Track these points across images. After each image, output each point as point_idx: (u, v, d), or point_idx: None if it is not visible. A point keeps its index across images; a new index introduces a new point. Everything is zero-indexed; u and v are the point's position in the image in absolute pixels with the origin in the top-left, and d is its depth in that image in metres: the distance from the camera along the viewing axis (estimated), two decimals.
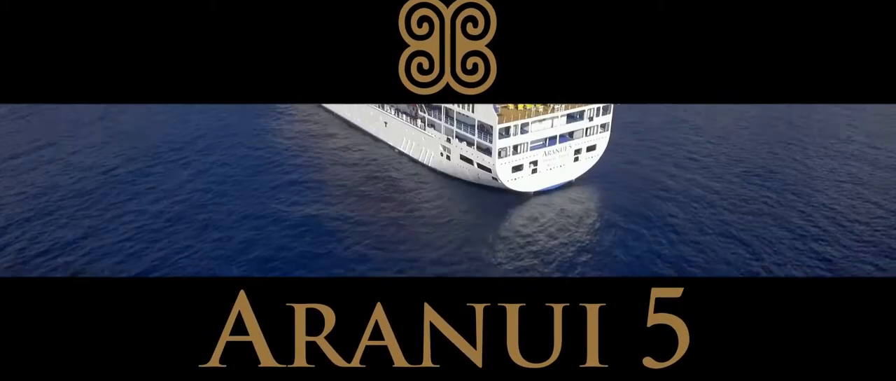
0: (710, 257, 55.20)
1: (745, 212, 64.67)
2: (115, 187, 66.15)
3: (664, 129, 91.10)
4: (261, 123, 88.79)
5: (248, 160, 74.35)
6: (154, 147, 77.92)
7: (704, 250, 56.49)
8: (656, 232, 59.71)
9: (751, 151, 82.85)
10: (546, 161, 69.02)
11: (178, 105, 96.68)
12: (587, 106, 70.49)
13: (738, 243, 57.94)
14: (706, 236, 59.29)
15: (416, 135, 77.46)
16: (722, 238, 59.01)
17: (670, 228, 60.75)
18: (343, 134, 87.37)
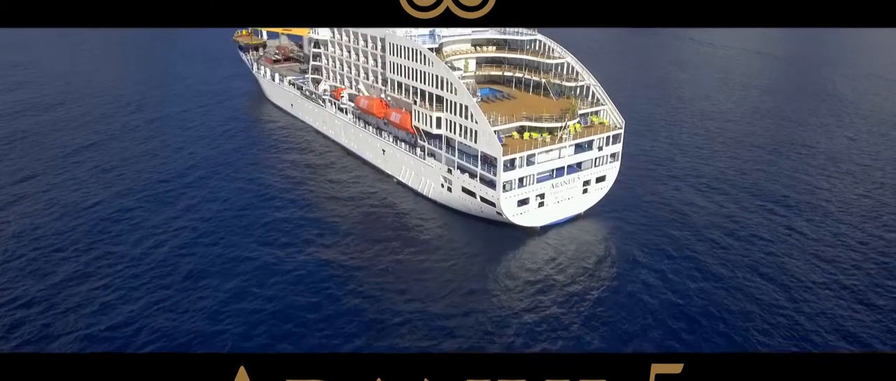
0: (721, 322, 50.78)
1: (768, 252, 60.35)
2: (97, 225, 61.76)
3: (675, 156, 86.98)
4: (256, 154, 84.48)
5: (241, 194, 69.93)
6: (142, 178, 73.62)
7: (716, 305, 52.06)
8: (669, 276, 55.31)
9: (768, 178, 78.84)
10: (553, 194, 64.67)
11: (171, 132, 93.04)
12: (596, 135, 66.37)
13: (757, 296, 53.60)
14: (721, 283, 54.93)
15: (415, 164, 73.17)
16: (742, 286, 54.66)
17: (684, 271, 56.36)
18: (340, 163, 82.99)
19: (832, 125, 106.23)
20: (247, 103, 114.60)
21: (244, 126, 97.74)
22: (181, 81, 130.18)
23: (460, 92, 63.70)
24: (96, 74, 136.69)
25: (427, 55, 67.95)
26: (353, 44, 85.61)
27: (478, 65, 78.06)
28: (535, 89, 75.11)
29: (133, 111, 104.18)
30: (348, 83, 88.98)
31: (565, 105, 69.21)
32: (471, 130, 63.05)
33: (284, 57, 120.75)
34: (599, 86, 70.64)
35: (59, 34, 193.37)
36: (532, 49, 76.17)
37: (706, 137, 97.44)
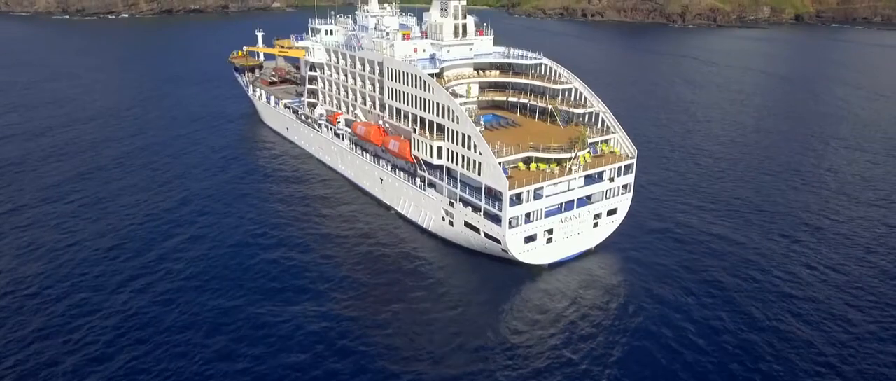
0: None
1: (798, 288, 55.62)
2: (75, 267, 57.06)
3: (689, 182, 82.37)
4: (249, 185, 79.82)
5: (232, 232, 65.00)
6: (128, 214, 68.86)
7: (750, 353, 47.30)
8: (694, 317, 50.57)
9: (789, 204, 74.22)
10: (562, 229, 60.00)
11: (162, 161, 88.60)
12: (607, 166, 61.85)
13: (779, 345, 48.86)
14: (752, 324, 50.17)
15: (414, 195, 68.60)
16: (776, 327, 49.91)
17: (708, 311, 51.62)
18: (336, 194, 78.22)
19: (853, 147, 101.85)
20: (242, 127, 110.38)
21: (238, 153, 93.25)
22: (176, 103, 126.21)
23: (463, 121, 59.29)
24: (89, 97, 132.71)
25: (427, 81, 63.65)
26: (349, 67, 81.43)
27: (480, 89, 73.76)
28: (542, 116, 70.77)
29: (123, 138, 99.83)
30: (345, 108, 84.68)
31: (574, 133, 64.81)
32: (474, 161, 58.55)
33: (281, 79, 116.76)
34: (609, 113, 66.28)
35: (56, 53, 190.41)
36: (537, 73, 71.96)
37: (721, 161, 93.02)
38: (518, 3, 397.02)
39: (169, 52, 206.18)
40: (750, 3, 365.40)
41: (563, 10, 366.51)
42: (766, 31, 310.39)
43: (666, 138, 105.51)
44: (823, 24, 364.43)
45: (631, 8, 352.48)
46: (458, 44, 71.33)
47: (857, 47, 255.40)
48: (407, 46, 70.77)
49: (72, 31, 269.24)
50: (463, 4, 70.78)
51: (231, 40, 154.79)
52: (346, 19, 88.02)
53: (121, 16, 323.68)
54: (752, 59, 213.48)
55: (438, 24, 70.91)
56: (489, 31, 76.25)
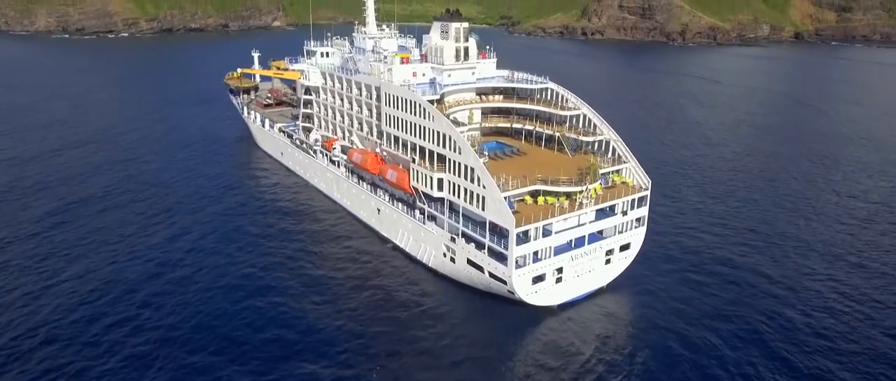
0: None
1: (835, 329, 50.87)
2: (50, 315, 52.33)
3: (705, 208, 77.69)
4: (240, 220, 74.98)
5: (219, 277, 59.65)
6: (109, 258, 63.64)
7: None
8: (725, 361, 45.81)
9: (815, 231, 69.65)
10: (573, 267, 55.33)
11: (152, 193, 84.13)
12: (620, 199, 57.33)
13: None
14: (786, 372, 45.40)
15: (414, 228, 64.00)
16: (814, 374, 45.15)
17: (737, 354, 46.87)
18: (331, 227, 73.39)
19: (872, 172, 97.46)
20: (237, 151, 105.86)
21: (231, 181, 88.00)
22: (171, 127, 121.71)
23: (465, 151, 54.85)
24: (83, 120, 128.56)
25: (427, 108, 59.33)
26: (345, 91, 77.21)
27: (483, 115, 69.51)
28: (548, 143, 66.41)
29: (114, 165, 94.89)
30: (341, 134, 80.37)
31: (583, 163, 60.39)
32: (477, 195, 54.03)
33: (276, 101, 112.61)
34: (620, 141, 61.91)
35: (53, 74, 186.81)
36: (543, 98, 67.72)
37: (735, 186, 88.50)
38: (518, 21, 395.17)
39: (167, 72, 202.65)
40: (749, 22, 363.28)
41: (563, 29, 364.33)
42: (766, 50, 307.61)
43: (675, 161, 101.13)
44: (823, 42, 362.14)
45: (631, 26, 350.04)
46: (459, 68, 67.19)
47: (860, 66, 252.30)
48: (406, 70, 66.60)
49: (71, 50, 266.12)
50: (465, 27, 66.75)
51: (230, 60, 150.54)
52: (342, 41, 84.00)
53: (120, 35, 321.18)
54: (757, 77, 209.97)
55: (439, 47, 66.81)
56: (492, 54, 72.18)
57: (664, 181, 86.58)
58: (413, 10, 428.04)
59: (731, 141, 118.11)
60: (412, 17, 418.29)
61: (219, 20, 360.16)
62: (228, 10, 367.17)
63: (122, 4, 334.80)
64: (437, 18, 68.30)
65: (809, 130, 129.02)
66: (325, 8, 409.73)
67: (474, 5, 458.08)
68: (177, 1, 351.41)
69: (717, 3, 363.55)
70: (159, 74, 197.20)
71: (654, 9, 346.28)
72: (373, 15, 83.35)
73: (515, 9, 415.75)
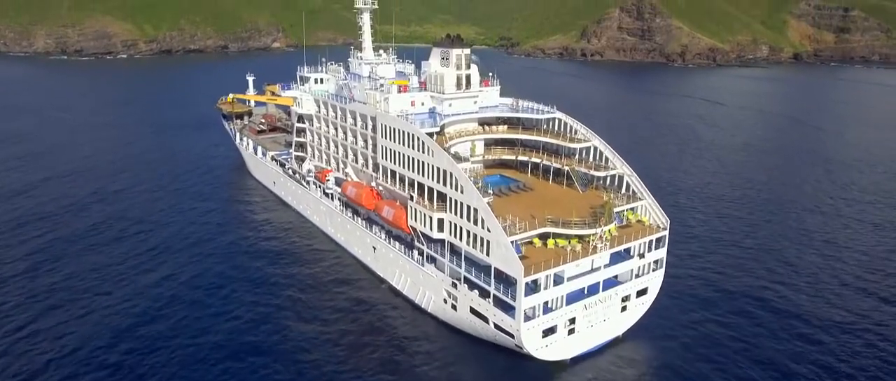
0: None
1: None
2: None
3: (723, 248, 72.27)
4: (229, 261, 69.47)
5: (203, 331, 54.66)
6: (89, 303, 58.26)
7: None
8: None
9: (842, 273, 64.45)
10: (586, 317, 50.03)
11: (138, 231, 78.97)
12: (636, 241, 52.18)
13: None
14: None
15: (412, 270, 58.72)
16: None
17: None
18: (327, 274, 67.54)
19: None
20: (229, 181, 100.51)
21: (223, 218, 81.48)
22: (164, 156, 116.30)
23: (468, 191, 49.80)
24: (74, 147, 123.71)
25: (426, 142, 54.38)
26: (339, 120, 72.35)
27: (486, 147, 64.66)
28: (557, 177, 61.43)
29: (102, 198, 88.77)
30: (335, 165, 75.41)
31: (595, 200, 55.43)
32: (481, 238, 48.87)
33: (270, 127, 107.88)
34: (635, 176, 56.96)
35: (49, 96, 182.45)
36: (551, 129, 62.89)
37: (753, 215, 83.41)
38: (517, 42, 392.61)
39: (163, 95, 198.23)
40: (748, 43, 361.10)
41: (563, 50, 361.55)
42: (767, 71, 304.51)
43: (687, 189, 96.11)
44: (822, 63, 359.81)
45: (630, 48, 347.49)
46: (460, 97, 62.42)
47: (864, 87, 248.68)
48: (403, 100, 61.80)
49: (69, 72, 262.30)
50: (467, 53, 62.06)
51: (228, 81, 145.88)
52: (336, 67, 79.30)
53: (118, 56, 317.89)
54: (762, 99, 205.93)
55: (439, 74, 62.09)
56: (495, 81, 67.49)
57: (679, 213, 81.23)
58: (413, 32, 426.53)
59: (745, 167, 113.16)
60: (412, 38, 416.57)
61: (218, 41, 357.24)
62: (228, 31, 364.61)
63: (121, 26, 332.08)
64: (436, 44, 63.71)
65: (827, 157, 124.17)
66: (324, 29, 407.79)
67: (473, 26, 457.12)
68: (176, 22, 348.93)
69: (716, 25, 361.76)
70: (155, 97, 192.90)
71: (654, 30, 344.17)
72: (369, 39, 78.85)
73: (514, 30, 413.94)
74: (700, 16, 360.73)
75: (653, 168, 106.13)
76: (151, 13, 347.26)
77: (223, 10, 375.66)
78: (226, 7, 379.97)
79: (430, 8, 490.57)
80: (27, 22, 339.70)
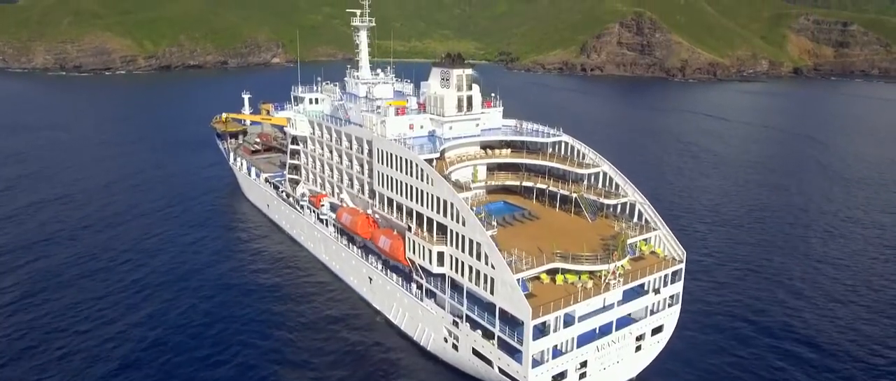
0: None
1: None
2: None
3: (739, 277, 68.21)
4: (216, 297, 65.29)
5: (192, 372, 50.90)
6: (65, 349, 53.99)
7: None
8: None
9: (873, 304, 60.42)
10: (599, 359, 45.98)
11: (125, 260, 74.95)
12: (651, 276, 48.23)
13: None
14: None
15: (410, 304, 54.71)
16: None
17: None
18: (321, 313, 63.50)
19: None
20: (223, 204, 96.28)
21: (213, 247, 76.38)
22: (157, 179, 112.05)
23: (470, 224, 45.94)
24: (64, 170, 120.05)
25: (425, 169, 50.56)
26: (334, 143, 68.61)
27: (489, 171, 60.90)
28: (564, 204, 57.60)
29: (88, 226, 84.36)
30: (330, 189, 71.59)
31: (605, 229, 51.63)
32: (485, 275, 44.94)
33: (265, 146, 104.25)
34: (647, 204, 53.12)
35: (45, 113, 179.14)
36: (557, 154, 59.12)
37: (772, 240, 79.46)
38: (517, 57, 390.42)
39: (160, 113, 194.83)
40: (748, 58, 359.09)
41: (563, 65, 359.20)
42: (768, 85, 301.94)
43: (697, 212, 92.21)
44: (823, 78, 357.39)
45: (630, 63, 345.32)
46: (461, 119, 58.73)
47: (869, 102, 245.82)
48: (401, 123, 58.11)
49: (66, 88, 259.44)
50: (468, 73, 58.44)
51: (226, 98, 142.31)
52: (332, 87, 75.66)
53: (117, 72, 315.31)
54: (766, 114, 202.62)
55: (439, 96, 58.42)
56: (498, 102, 63.91)
57: (691, 240, 77.18)
58: (412, 47, 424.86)
59: (756, 187, 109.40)
60: (412, 53, 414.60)
61: (217, 57, 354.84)
62: (227, 46, 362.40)
63: (120, 42, 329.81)
64: (436, 64, 60.10)
65: (839, 174, 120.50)
66: (325, 44, 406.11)
67: (473, 41, 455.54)
68: (176, 38, 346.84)
69: (716, 40, 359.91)
70: (151, 114, 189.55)
71: (653, 45, 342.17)
72: (367, 58, 75.38)
73: (514, 45, 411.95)
74: (699, 31, 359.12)
75: (660, 189, 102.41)
76: (151, 29, 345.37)
77: (223, 26, 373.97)
78: (225, 23, 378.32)
79: (430, 23, 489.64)
80: (26, 38, 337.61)
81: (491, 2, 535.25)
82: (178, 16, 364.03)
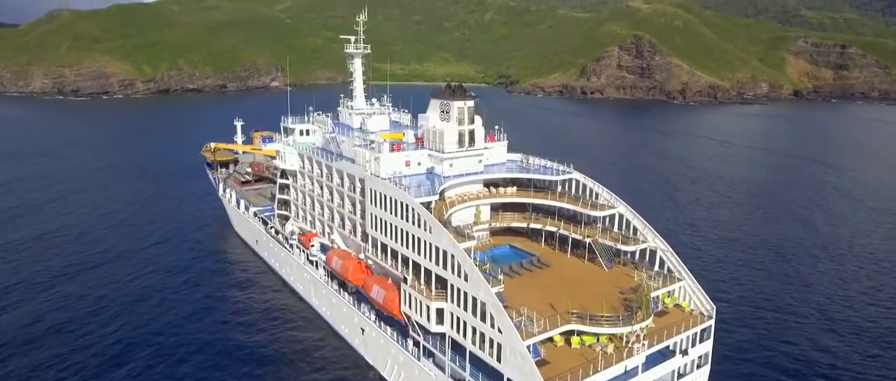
0: None
1: None
2: None
3: (779, 345, 61.96)
4: (197, 358, 59.12)
5: None
6: None
7: None
8: None
9: None
10: None
11: (106, 303, 68.77)
12: (677, 336, 42.27)
13: None
14: None
15: (405, 362, 48.58)
16: None
17: None
18: (305, 366, 57.60)
19: None
20: (210, 239, 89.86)
21: (198, 293, 68.90)
22: (147, 214, 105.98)
23: (473, 280, 40.13)
24: (47, 205, 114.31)
25: (422, 215, 44.81)
26: (325, 179, 62.97)
27: (493, 211, 55.28)
28: (576, 248, 51.86)
29: (70, 265, 78.30)
30: (320, 228, 65.83)
31: (623, 279, 45.89)
32: (491, 339, 39.04)
33: (256, 177, 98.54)
34: (670, 250, 47.41)
35: (37, 139, 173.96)
36: (568, 193, 53.49)
37: (800, 275, 73.30)
38: (516, 80, 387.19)
39: (155, 138, 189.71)
40: (748, 80, 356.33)
41: (563, 88, 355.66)
42: (769, 108, 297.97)
43: (713, 248, 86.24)
44: (823, 100, 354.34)
45: (630, 86, 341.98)
46: (463, 155, 53.22)
47: (873, 125, 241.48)
48: (396, 160, 52.52)
49: (63, 112, 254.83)
50: (470, 106, 53.06)
51: (221, 123, 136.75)
52: (323, 118, 70.21)
53: (115, 96, 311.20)
54: (773, 138, 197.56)
55: (438, 130, 52.97)
56: (502, 135, 58.52)
57: (713, 282, 71.46)
58: (412, 70, 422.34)
59: (781, 219, 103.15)
60: (412, 76, 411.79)
61: (216, 81, 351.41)
62: (227, 70, 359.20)
63: (119, 66, 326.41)
64: (434, 95, 54.78)
65: (861, 201, 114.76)
66: (324, 68, 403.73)
67: (473, 64, 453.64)
68: (175, 62, 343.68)
69: (715, 62, 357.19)
70: (145, 140, 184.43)
71: (653, 68, 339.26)
72: (361, 86, 70.24)
73: (514, 68, 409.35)
74: (698, 54, 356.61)
75: (674, 223, 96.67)
76: (151, 53, 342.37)
77: (222, 49, 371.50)
78: (225, 47, 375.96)
79: (430, 46, 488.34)
80: (25, 62, 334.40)
81: (490, 25, 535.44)
82: (178, 40, 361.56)
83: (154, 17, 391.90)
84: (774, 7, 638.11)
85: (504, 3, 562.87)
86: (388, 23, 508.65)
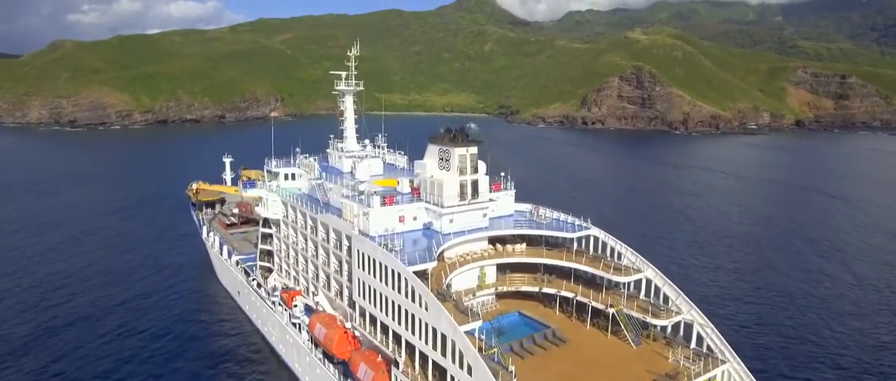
0: None
1: None
2: None
3: None
4: None
5: None
6: None
7: None
8: None
9: None
10: None
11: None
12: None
13: None
14: None
15: None
16: None
17: None
18: None
19: None
20: (192, 288, 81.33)
21: (171, 349, 61.89)
22: (131, 261, 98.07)
23: (478, 373, 32.51)
24: (23, 247, 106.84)
25: (416, 289, 37.29)
26: (310, 233, 55.59)
27: (500, 272, 47.85)
28: (596, 318, 44.27)
29: (29, 339, 71.14)
30: (305, 286, 58.24)
31: (654, 360, 38.25)
32: None
33: (243, 219, 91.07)
34: (710, 325, 39.84)
35: (31, 173, 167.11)
36: (588, 254, 46.12)
37: (844, 333, 65.45)
38: (517, 110, 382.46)
39: (145, 170, 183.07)
40: (750, 110, 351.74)
41: (563, 118, 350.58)
42: (771, 138, 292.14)
43: (740, 301, 78.47)
44: (825, 129, 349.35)
45: (631, 116, 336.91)
46: (465, 209, 45.99)
47: (879, 156, 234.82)
48: (389, 215, 45.27)
49: (58, 143, 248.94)
50: (473, 153, 46.02)
51: (216, 156, 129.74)
52: (310, 161, 63.14)
53: (112, 127, 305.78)
54: (784, 170, 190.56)
55: (437, 180, 45.84)
56: (510, 184, 51.40)
57: (728, 325, 63.52)
58: (412, 100, 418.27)
59: (802, 260, 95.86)
60: (412, 106, 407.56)
61: (215, 111, 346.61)
62: (225, 101, 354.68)
63: (117, 97, 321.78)
64: (432, 140, 47.80)
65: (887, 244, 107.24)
66: (324, 99, 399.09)
67: (472, 94, 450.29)
68: (173, 93, 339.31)
69: (716, 92, 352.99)
70: (134, 173, 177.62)
71: (654, 98, 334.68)
72: (353, 127, 63.51)
73: (514, 98, 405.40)
74: (699, 84, 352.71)
75: (692, 272, 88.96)
76: (150, 83, 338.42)
77: (221, 80, 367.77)
78: (225, 78, 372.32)
79: (430, 77, 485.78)
80: (22, 93, 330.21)
81: (490, 55, 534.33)
82: (178, 71, 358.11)
83: (155, 49, 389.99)
84: (771, 38, 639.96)
85: (503, 34, 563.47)
86: (388, 53, 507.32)
